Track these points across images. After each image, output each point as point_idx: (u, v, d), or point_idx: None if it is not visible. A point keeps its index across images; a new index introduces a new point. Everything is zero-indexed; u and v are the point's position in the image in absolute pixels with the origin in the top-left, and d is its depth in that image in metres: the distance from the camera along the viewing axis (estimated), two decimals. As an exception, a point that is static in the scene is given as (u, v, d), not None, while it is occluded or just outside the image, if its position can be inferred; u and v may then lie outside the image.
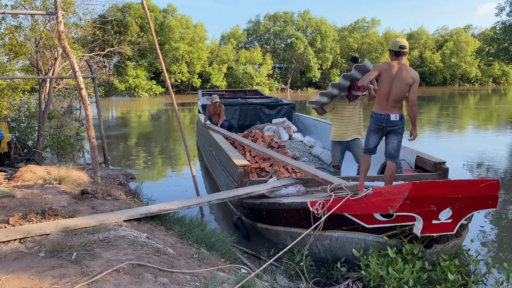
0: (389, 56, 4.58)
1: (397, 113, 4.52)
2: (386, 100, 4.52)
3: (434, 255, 3.67)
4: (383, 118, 4.53)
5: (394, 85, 4.43)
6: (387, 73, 4.46)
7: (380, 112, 4.57)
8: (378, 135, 4.71)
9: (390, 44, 4.57)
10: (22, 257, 2.89)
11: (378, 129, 4.64)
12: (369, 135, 4.76)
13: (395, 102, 4.50)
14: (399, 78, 4.42)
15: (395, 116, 4.50)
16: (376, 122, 4.60)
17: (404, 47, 4.43)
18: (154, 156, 11.17)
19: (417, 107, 4.54)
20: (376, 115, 4.61)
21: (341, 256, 4.05)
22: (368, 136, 4.77)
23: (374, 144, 4.77)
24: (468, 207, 3.43)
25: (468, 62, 61.49)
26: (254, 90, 16.73)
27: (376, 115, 4.61)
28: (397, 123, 4.52)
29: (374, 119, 4.62)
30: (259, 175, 6.70)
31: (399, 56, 4.46)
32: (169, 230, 4.06)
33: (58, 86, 12.30)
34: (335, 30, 58.40)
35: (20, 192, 4.65)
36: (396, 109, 4.52)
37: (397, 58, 4.47)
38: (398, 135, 4.59)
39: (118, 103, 34.89)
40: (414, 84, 4.45)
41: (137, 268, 2.75)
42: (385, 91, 4.50)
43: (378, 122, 4.58)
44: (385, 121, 4.53)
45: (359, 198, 3.64)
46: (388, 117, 4.51)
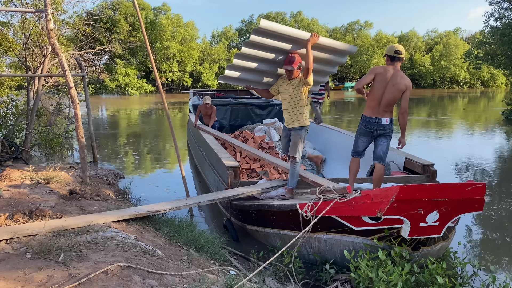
0: (385, 61, 4.69)
1: (388, 117, 4.58)
2: (378, 104, 4.57)
3: (421, 258, 3.71)
4: (374, 122, 4.58)
5: (388, 89, 4.48)
6: (382, 77, 4.51)
7: (371, 115, 4.61)
8: (367, 138, 4.75)
9: (386, 49, 4.70)
10: (8, 258, 2.86)
11: (368, 132, 4.67)
12: (358, 138, 4.80)
13: (387, 107, 4.55)
14: (393, 83, 4.47)
15: (386, 120, 4.56)
16: (367, 125, 4.63)
17: (399, 53, 4.54)
18: (143, 156, 11.11)
19: (407, 115, 4.60)
20: (367, 119, 4.64)
21: (329, 258, 4.07)
22: (357, 139, 4.80)
23: (363, 147, 4.81)
24: (455, 210, 3.47)
25: (457, 65, 62.26)
26: (246, 90, 16.72)
27: (367, 118, 4.64)
28: (387, 127, 4.59)
29: (365, 123, 4.65)
30: (250, 176, 6.70)
31: (394, 61, 4.56)
32: (158, 231, 4.05)
33: (47, 84, 12.17)
34: (326, 31, 58.60)
35: (7, 192, 4.60)
36: (387, 113, 4.59)
37: (392, 63, 4.56)
38: (387, 138, 4.66)
39: (108, 101, 34.63)
40: (407, 91, 4.52)
41: (125, 270, 2.74)
42: (377, 94, 4.55)
43: (369, 126, 4.62)
44: (376, 125, 4.57)
45: (347, 201, 3.67)
46: (379, 121, 4.56)
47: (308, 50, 4.50)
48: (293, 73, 4.72)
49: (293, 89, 4.84)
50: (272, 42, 4.65)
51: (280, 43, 4.66)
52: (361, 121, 4.74)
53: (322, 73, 5.43)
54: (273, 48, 4.73)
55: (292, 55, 4.65)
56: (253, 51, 4.75)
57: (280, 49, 4.74)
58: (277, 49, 4.76)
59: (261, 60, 4.92)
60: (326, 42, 4.86)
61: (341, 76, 63.07)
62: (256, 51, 4.76)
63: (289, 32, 4.57)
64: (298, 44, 4.72)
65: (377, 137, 4.67)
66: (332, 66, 5.36)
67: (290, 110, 4.91)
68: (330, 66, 5.35)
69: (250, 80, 5.16)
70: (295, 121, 4.89)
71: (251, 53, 4.78)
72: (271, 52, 4.80)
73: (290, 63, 4.63)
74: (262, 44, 4.67)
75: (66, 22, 11.61)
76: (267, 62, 4.95)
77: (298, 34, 4.60)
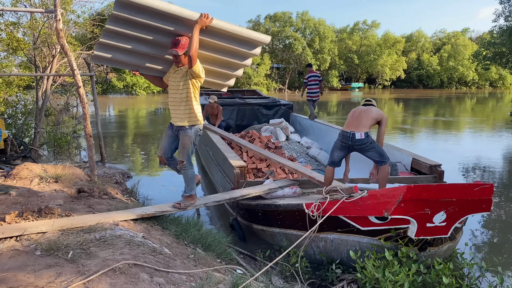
0: None
1: (363, 131, 4.56)
2: (354, 119, 4.70)
3: (428, 258, 3.71)
4: (349, 136, 4.58)
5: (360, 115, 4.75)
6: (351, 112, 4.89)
7: (346, 129, 4.66)
8: (343, 152, 4.76)
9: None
10: (18, 255, 2.90)
11: (343, 146, 4.68)
12: (334, 151, 4.79)
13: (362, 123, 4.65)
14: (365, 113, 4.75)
15: (360, 134, 4.53)
16: (342, 139, 4.65)
17: (368, 100, 5.08)
18: (151, 155, 11.16)
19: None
20: (342, 132, 4.68)
21: (336, 258, 4.07)
22: (333, 152, 4.80)
23: (339, 158, 4.81)
24: (462, 210, 3.46)
25: (465, 65, 61.77)
26: (252, 90, 16.75)
27: (342, 132, 4.69)
28: (363, 141, 4.53)
29: (340, 136, 4.69)
30: (256, 176, 6.71)
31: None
32: (165, 230, 4.08)
33: (56, 84, 12.28)
34: (333, 32, 58.47)
35: (16, 190, 4.65)
36: (363, 127, 4.59)
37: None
38: (372, 150, 4.59)
39: (116, 101, 34.80)
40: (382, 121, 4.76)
41: (133, 268, 2.77)
42: (349, 117, 4.82)
43: (344, 140, 4.63)
44: (351, 139, 4.56)
45: (354, 201, 3.67)
46: (353, 135, 4.55)
47: (193, 34, 3.86)
48: (180, 59, 4.06)
49: (180, 78, 4.16)
50: (145, 20, 3.89)
51: (158, 22, 3.91)
52: (338, 135, 4.76)
53: (228, 66, 4.63)
54: (150, 27, 3.98)
55: (179, 38, 4.00)
56: (123, 29, 3.95)
57: (162, 29, 3.99)
58: (158, 29, 4.00)
59: (140, 41, 4.10)
60: (225, 27, 4.14)
61: (348, 76, 62.90)
62: (128, 29, 3.96)
63: (164, 9, 3.85)
64: (184, 26, 4.01)
65: (361, 152, 4.65)
66: (240, 59, 4.56)
67: (177, 104, 4.23)
68: (238, 58, 4.54)
69: (133, 63, 4.33)
70: (183, 118, 4.23)
71: (121, 30, 3.96)
72: (150, 33, 4.03)
73: (175, 46, 3.98)
74: (133, 21, 3.89)
75: (74, 22, 11.70)
76: (150, 44, 4.15)
77: (177, 12, 3.90)
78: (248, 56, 4.55)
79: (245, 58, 4.58)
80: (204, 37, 4.12)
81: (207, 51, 4.32)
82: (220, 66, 4.56)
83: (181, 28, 4.01)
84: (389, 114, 23.43)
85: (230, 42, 4.29)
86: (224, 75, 4.71)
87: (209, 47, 4.29)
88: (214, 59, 4.44)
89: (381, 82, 61.43)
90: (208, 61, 4.44)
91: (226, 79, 4.78)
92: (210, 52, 4.33)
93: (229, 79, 4.82)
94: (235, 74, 4.75)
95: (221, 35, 4.20)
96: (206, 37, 4.14)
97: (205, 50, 4.29)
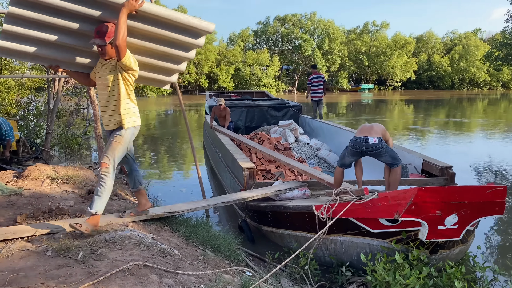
0: None
1: (376, 136, 4.56)
2: (365, 128, 4.69)
3: (439, 261, 3.66)
4: (362, 142, 4.55)
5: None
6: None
7: (358, 135, 4.63)
8: (355, 157, 4.76)
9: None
10: (29, 255, 2.92)
11: (356, 152, 4.66)
12: (345, 156, 4.77)
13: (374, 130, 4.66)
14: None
15: (374, 139, 4.52)
16: (355, 145, 4.61)
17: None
18: (160, 156, 11.22)
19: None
20: (354, 139, 4.65)
21: (345, 260, 4.04)
22: (344, 157, 4.77)
23: (350, 162, 4.80)
24: (474, 213, 3.41)
25: (477, 66, 61.13)
26: (261, 92, 16.77)
27: (354, 138, 4.65)
28: (377, 146, 4.52)
29: (353, 142, 4.65)
30: (265, 177, 6.71)
31: None
32: (175, 231, 4.08)
33: (67, 85, 12.40)
34: (343, 33, 58.28)
35: (28, 191, 4.70)
36: (376, 134, 4.60)
37: None
38: (385, 154, 4.58)
39: (126, 102, 35.00)
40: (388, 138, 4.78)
41: (143, 269, 2.77)
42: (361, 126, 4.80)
43: (357, 146, 4.59)
44: (364, 145, 4.54)
45: (364, 203, 3.64)
46: (367, 140, 4.53)
47: (119, 19, 3.24)
48: (106, 50, 3.39)
49: (108, 73, 3.46)
50: (61, 3, 3.25)
51: (79, 6, 3.30)
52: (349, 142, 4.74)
53: (169, 59, 4.03)
54: (67, 11, 3.32)
55: (104, 25, 3.39)
56: (34, 13, 3.25)
57: (83, 14, 3.35)
58: (78, 15, 3.36)
59: (56, 29, 3.40)
60: (160, 12, 3.59)
61: (357, 77, 62.63)
62: (39, 13, 3.26)
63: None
64: (110, 10, 3.41)
65: (374, 157, 4.66)
66: (183, 50, 3.99)
67: (107, 104, 3.53)
68: (180, 50, 3.97)
69: (50, 57, 3.55)
70: (114, 121, 3.52)
71: (29, 15, 3.24)
72: (68, 18, 3.36)
73: (98, 35, 3.35)
74: (47, 5, 3.24)
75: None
76: (70, 32, 3.47)
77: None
78: (192, 47, 4.02)
79: (188, 50, 4.03)
80: (136, 24, 3.55)
81: (142, 41, 3.71)
82: (159, 58, 3.95)
83: (106, 13, 3.41)
84: (399, 116, 23.26)
85: (169, 30, 3.75)
86: (165, 69, 4.11)
87: (143, 36, 3.69)
88: (151, 50, 3.84)
89: (391, 83, 61.06)
90: (144, 52, 3.83)
91: (168, 74, 4.18)
92: (146, 41, 3.74)
93: (171, 75, 4.21)
94: (178, 69, 4.15)
95: (156, 21, 3.65)
96: (139, 25, 3.57)
97: (139, 39, 3.70)
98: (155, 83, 4.24)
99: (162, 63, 4.00)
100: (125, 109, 3.51)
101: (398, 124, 18.76)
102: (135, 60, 3.50)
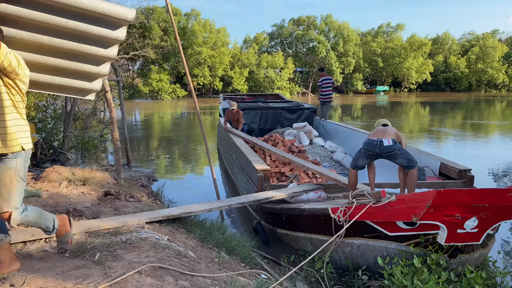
0: None
1: (390, 138, 4.56)
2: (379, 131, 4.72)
3: (459, 266, 3.59)
4: (376, 144, 4.55)
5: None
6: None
7: (373, 137, 4.62)
8: (369, 160, 4.75)
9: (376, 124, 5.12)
10: (48, 256, 2.95)
11: (370, 155, 4.65)
12: (359, 159, 4.75)
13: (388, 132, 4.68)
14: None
15: (388, 141, 4.52)
16: (369, 147, 4.60)
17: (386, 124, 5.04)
18: (175, 159, 11.28)
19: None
20: (368, 141, 4.64)
21: (362, 264, 3.99)
22: (357, 160, 4.76)
23: (364, 164, 4.79)
24: (495, 216, 3.33)
25: (495, 67, 60.02)
26: (275, 94, 16.76)
27: (368, 141, 4.64)
28: (391, 148, 4.51)
29: (366, 145, 4.64)
30: (279, 180, 6.68)
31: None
32: (190, 233, 4.09)
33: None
34: (358, 35, 57.90)
35: (45, 192, 4.76)
36: (389, 136, 4.61)
37: None
38: (400, 156, 4.56)
39: (142, 105, 35.41)
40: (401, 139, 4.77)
41: (159, 271, 2.78)
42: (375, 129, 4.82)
43: (371, 148, 4.58)
44: (378, 147, 4.52)
45: (381, 206, 3.59)
46: (381, 142, 4.52)
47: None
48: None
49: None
50: None
51: None
52: (363, 144, 4.73)
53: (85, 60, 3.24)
54: None
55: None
56: None
57: None
58: None
59: None
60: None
61: (372, 79, 62.13)
62: None
63: None
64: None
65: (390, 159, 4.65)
66: (100, 45, 3.23)
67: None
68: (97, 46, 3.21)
69: None
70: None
71: None
72: None
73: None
74: None
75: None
76: None
77: None
78: (110, 41, 3.26)
79: (107, 45, 3.27)
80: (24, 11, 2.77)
81: (37, 34, 2.92)
82: (69, 58, 3.14)
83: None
84: (415, 118, 22.97)
85: (73, 19, 2.99)
86: (82, 74, 3.27)
87: (39, 28, 2.89)
88: (55, 48, 3.04)
89: (406, 85, 60.41)
90: (45, 50, 3.05)
91: (87, 79, 3.33)
92: (44, 35, 2.97)
93: (93, 80, 3.38)
94: (99, 72, 3.33)
95: (52, 7, 2.89)
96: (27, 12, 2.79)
97: (33, 32, 2.92)
98: (72, 92, 3.40)
99: (75, 65, 3.17)
100: (13, 127, 2.52)
101: (414, 127, 18.53)
102: (19, 59, 2.52)
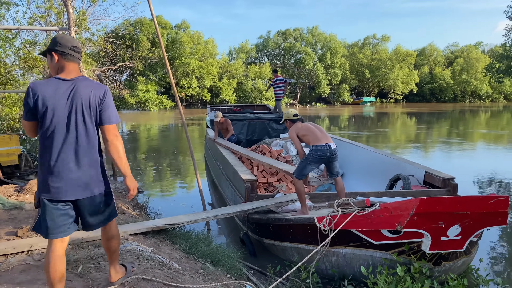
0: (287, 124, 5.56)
1: (331, 141, 4.99)
2: (319, 133, 5.03)
3: (443, 273, 3.61)
4: (326, 149, 4.85)
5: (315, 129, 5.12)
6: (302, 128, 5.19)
7: (320, 143, 4.88)
8: (318, 164, 5.01)
9: (285, 115, 5.56)
10: (29, 269, 2.90)
11: (321, 159, 4.91)
12: (308, 166, 4.92)
13: (325, 134, 5.08)
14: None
15: (333, 144, 4.96)
16: (321, 153, 4.85)
17: (297, 115, 5.51)
18: (162, 170, 11.21)
19: None
20: (317, 147, 4.87)
21: (348, 273, 4.00)
22: (307, 167, 4.93)
23: (311, 171, 5.03)
24: (478, 223, 3.38)
25: (478, 78, 61.18)
26: (263, 105, 16.81)
27: (317, 147, 4.87)
28: (336, 150, 4.96)
29: (318, 151, 4.85)
30: (267, 190, 6.68)
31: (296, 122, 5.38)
32: (175, 245, 4.06)
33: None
34: (344, 47, 58.60)
35: (29, 205, 4.69)
36: (330, 138, 5.02)
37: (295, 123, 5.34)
38: (336, 160, 5.00)
39: (128, 116, 35.18)
40: None
41: (142, 283, 2.75)
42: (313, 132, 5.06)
43: (323, 153, 4.85)
44: (328, 151, 4.86)
45: (366, 214, 3.61)
46: (330, 146, 4.87)
47: None
48: None
49: None
50: None
51: None
52: (311, 151, 4.93)
53: None
54: None
55: None
56: None
57: None
58: None
59: None
60: None
61: (359, 90, 62.79)
62: None
63: None
64: None
65: (329, 161, 4.98)
66: None
67: None
68: None
69: None
70: None
71: None
72: None
73: None
74: None
75: (89, 39, 11.95)
76: None
77: None
78: None
79: None
80: None
81: None
82: None
83: None
84: (402, 129, 23.24)
85: None
86: None
87: None
88: None
89: (393, 96, 61.17)
90: None
91: None
92: None
93: None
94: None
95: None
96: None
97: None
98: None
99: None
100: None
101: (400, 137, 18.74)
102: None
